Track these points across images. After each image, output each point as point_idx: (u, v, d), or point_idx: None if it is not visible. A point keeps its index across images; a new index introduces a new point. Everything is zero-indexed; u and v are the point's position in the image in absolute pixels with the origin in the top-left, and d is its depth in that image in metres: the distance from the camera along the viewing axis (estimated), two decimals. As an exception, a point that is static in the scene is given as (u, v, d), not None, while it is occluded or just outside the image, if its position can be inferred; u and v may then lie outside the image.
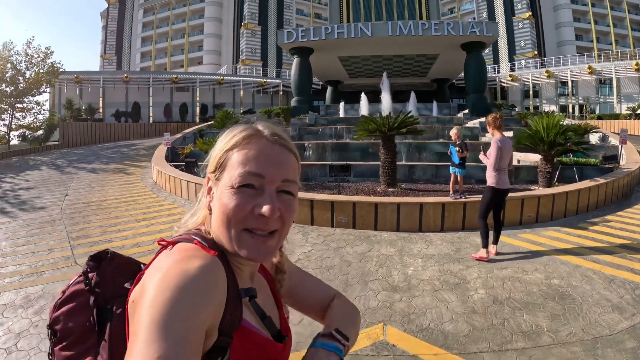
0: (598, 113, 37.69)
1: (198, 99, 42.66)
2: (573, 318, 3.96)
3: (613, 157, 13.00)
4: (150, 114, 40.86)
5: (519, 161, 13.32)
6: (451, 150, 8.94)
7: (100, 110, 38.83)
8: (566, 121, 13.03)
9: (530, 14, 59.18)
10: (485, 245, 5.75)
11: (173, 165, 13.26)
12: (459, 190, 8.52)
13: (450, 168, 8.90)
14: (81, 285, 0.85)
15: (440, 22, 27.80)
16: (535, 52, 57.39)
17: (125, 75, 41.10)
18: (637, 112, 32.35)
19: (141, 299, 0.68)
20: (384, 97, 27.89)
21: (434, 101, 31.01)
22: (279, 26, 63.03)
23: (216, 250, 0.79)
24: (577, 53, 52.03)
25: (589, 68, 39.54)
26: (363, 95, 28.88)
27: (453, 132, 8.89)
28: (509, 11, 60.62)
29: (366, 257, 5.94)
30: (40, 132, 28.40)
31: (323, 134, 19.07)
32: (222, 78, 43.61)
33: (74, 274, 0.89)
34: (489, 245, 5.79)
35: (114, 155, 21.46)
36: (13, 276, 5.45)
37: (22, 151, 24.79)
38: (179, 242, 0.80)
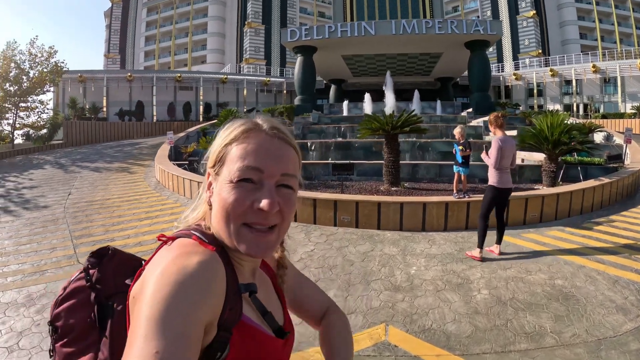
0: (602, 112, 37.52)
1: (202, 97, 42.75)
2: (577, 319, 3.93)
3: (618, 157, 12.94)
4: (154, 113, 40.95)
5: (523, 160, 13.27)
6: (455, 149, 8.91)
7: (104, 109, 38.99)
8: (570, 120, 12.94)
9: (535, 12, 58.94)
10: (480, 245, 5.75)
11: (176, 164, 13.28)
12: (463, 190, 8.49)
13: (454, 167, 8.88)
14: (82, 282, 0.85)
15: (444, 21, 27.70)
16: (540, 51, 57.17)
17: (129, 74, 41.16)
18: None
19: (141, 294, 0.68)
20: (388, 96, 27.82)
21: (438, 100, 30.95)
22: (283, 25, 62.96)
23: (215, 245, 0.79)
24: (582, 52, 51.85)
25: (594, 67, 39.38)
26: (367, 95, 28.84)
27: (457, 131, 8.86)
28: (513, 10, 60.39)
29: (369, 257, 5.92)
30: (44, 131, 28.57)
31: (326, 133, 19.02)
32: (226, 77, 43.68)
33: (76, 273, 0.89)
34: (483, 246, 5.78)
35: (118, 154, 21.52)
36: (16, 275, 5.46)
37: (26, 150, 24.91)
38: (178, 238, 0.80)
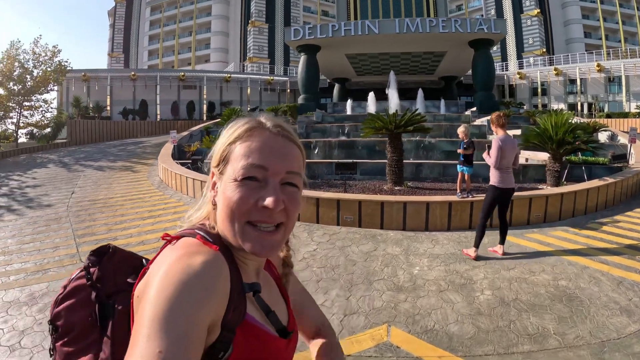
0: (607, 111, 37.36)
1: (205, 96, 42.76)
2: (580, 321, 3.90)
3: (622, 156, 12.88)
4: (158, 112, 41.05)
5: (527, 160, 13.22)
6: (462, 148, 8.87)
7: (108, 108, 39.08)
8: (575, 119, 12.86)
9: (539, 11, 58.76)
10: (477, 244, 5.76)
11: (179, 163, 13.28)
12: (466, 189, 8.45)
13: (458, 166, 8.83)
14: (83, 281, 0.85)
15: (448, 19, 27.66)
16: (544, 50, 56.97)
17: (133, 73, 41.24)
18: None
19: (145, 294, 0.67)
20: (392, 95, 27.79)
21: (442, 99, 30.92)
22: (286, 24, 62.89)
23: (220, 245, 0.78)
24: (586, 50, 51.71)
25: (598, 66, 39.22)
26: (371, 94, 28.82)
27: (460, 130, 8.81)
28: (517, 8, 60.22)
29: (372, 257, 5.91)
30: (48, 130, 28.69)
31: (330, 132, 19.01)
32: (230, 76, 43.72)
33: (76, 271, 0.89)
34: (479, 245, 5.80)
35: (121, 153, 21.57)
36: (18, 273, 5.48)
37: (30, 149, 25.01)
38: (182, 237, 0.79)
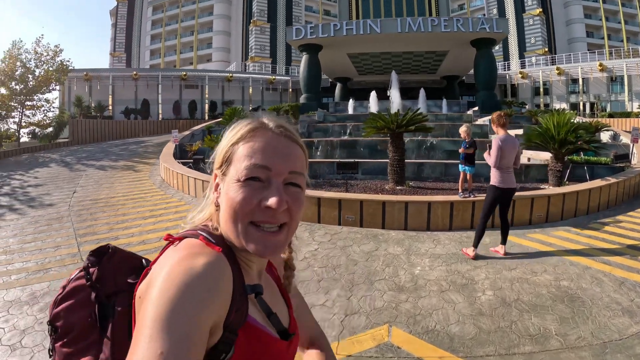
0: (609, 111, 37.21)
1: (207, 96, 42.75)
2: (582, 321, 3.88)
3: (624, 156, 12.85)
4: (160, 111, 41.04)
5: (529, 159, 13.19)
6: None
7: (110, 107, 39.05)
8: (577, 119, 12.84)
9: (541, 10, 58.68)
10: (475, 244, 5.76)
11: (181, 163, 13.29)
12: (468, 189, 8.44)
13: (460, 166, 8.81)
14: (82, 281, 0.85)
15: (450, 19, 27.60)
16: (546, 49, 56.90)
17: (135, 72, 41.20)
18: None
19: (147, 295, 0.67)
20: (393, 94, 27.76)
21: (444, 98, 30.91)
22: (288, 23, 62.98)
23: (222, 246, 0.78)
24: (588, 50, 51.60)
25: (600, 65, 39.09)
26: (372, 93, 28.79)
27: (462, 130, 8.79)
28: (519, 8, 60.16)
29: (373, 256, 5.89)
30: (50, 130, 28.69)
31: (332, 131, 18.97)
32: (231, 75, 43.70)
33: (75, 271, 0.89)
34: (478, 245, 5.79)
35: (123, 153, 21.59)
36: (20, 273, 5.48)
37: (32, 148, 25.02)
38: (185, 238, 0.79)
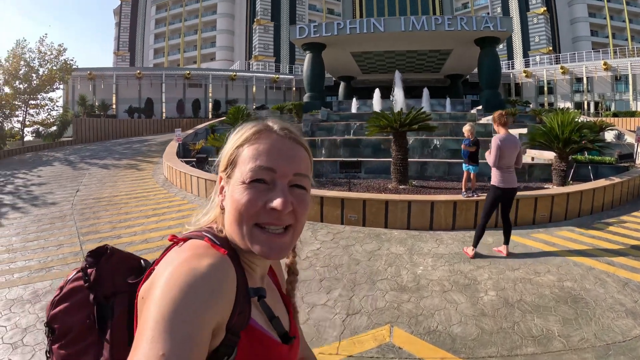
0: (614, 110, 37.01)
1: (211, 95, 42.81)
2: (585, 323, 3.85)
3: (629, 156, 12.76)
4: (163, 110, 41.07)
5: (533, 159, 13.15)
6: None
7: (113, 106, 39.18)
8: (581, 118, 12.77)
9: (545, 9, 58.47)
10: (475, 244, 5.75)
11: (184, 161, 13.29)
12: (472, 188, 8.39)
13: (464, 165, 8.77)
14: (79, 282, 0.84)
15: (454, 17, 27.49)
16: (550, 48, 56.70)
17: (138, 71, 41.28)
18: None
19: (149, 295, 0.67)
20: (397, 93, 27.70)
21: (448, 97, 30.81)
22: (292, 22, 62.99)
23: (227, 248, 0.78)
24: (593, 49, 51.44)
25: (605, 64, 38.96)
26: (376, 92, 28.73)
27: (466, 129, 8.72)
28: (524, 6, 59.98)
29: (375, 256, 5.88)
30: (54, 128, 28.80)
31: (335, 130, 18.93)
32: (235, 74, 43.77)
33: (72, 272, 0.88)
34: (477, 245, 5.79)
35: (126, 151, 21.63)
36: (22, 271, 5.49)
37: (36, 147, 25.11)
38: (190, 239, 0.79)
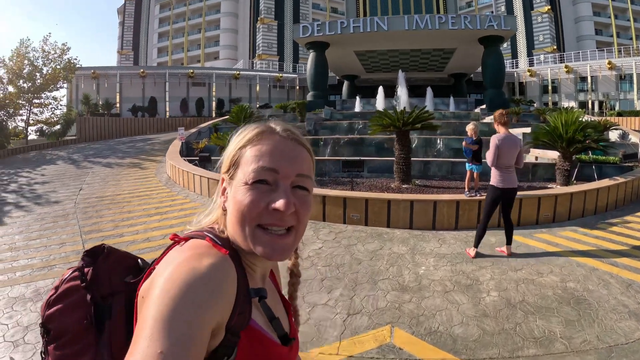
0: (618, 109, 36.88)
1: (214, 93, 42.92)
2: (588, 324, 3.82)
3: (633, 155, 12.69)
4: (167, 109, 41.24)
5: (536, 158, 13.09)
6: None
7: (117, 105, 39.26)
8: (585, 117, 12.70)
9: (549, 7, 58.17)
10: (476, 244, 5.73)
11: (187, 160, 13.30)
12: (475, 188, 8.35)
13: (467, 165, 8.73)
14: (76, 282, 0.82)
15: (458, 16, 27.47)
16: (554, 47, 56.44)
17: (142, 70, 41.43)
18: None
19: (149, 294, 0.67)
20: (400, 92, 27.67)
21: (451, 96, 30.77)
22: (295, 20, 62.90)
23: (228, 248, 0.78)
24: (597, 48, 51.17)
25: (609, 63, 38.76)
26: (380, 90, 28.70)
27: (469, 128, 8.68)
28: (528, 5, 59.68)
29: (377, 255, 5.86)
30: (58, 127, 28.91)
31: (339, 129, 18.94)
32: (239, 73, 43.84)
33: (67, 272, 0.86)
34: (478, 245, 5.77)
35: (130, 150, 21.68)
36: (24, 269, 5.51)
37: (40, 146, 25.20)
38: (191, 239, 0.79)
